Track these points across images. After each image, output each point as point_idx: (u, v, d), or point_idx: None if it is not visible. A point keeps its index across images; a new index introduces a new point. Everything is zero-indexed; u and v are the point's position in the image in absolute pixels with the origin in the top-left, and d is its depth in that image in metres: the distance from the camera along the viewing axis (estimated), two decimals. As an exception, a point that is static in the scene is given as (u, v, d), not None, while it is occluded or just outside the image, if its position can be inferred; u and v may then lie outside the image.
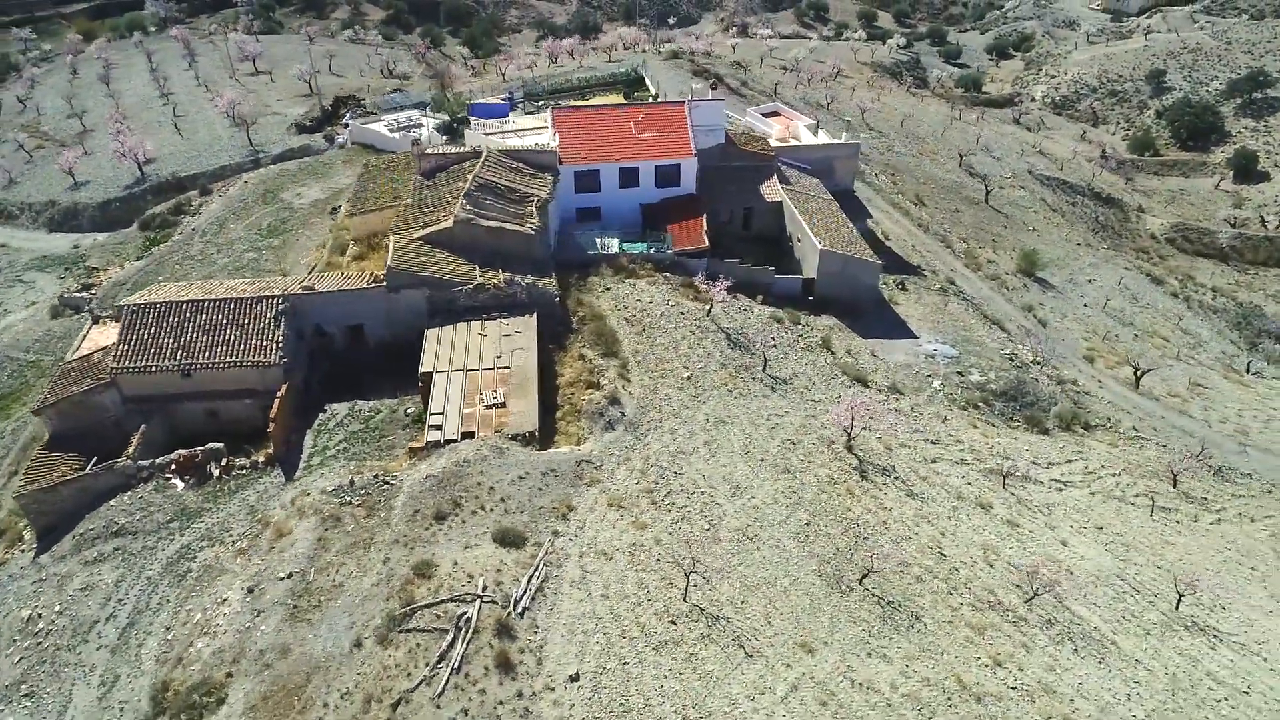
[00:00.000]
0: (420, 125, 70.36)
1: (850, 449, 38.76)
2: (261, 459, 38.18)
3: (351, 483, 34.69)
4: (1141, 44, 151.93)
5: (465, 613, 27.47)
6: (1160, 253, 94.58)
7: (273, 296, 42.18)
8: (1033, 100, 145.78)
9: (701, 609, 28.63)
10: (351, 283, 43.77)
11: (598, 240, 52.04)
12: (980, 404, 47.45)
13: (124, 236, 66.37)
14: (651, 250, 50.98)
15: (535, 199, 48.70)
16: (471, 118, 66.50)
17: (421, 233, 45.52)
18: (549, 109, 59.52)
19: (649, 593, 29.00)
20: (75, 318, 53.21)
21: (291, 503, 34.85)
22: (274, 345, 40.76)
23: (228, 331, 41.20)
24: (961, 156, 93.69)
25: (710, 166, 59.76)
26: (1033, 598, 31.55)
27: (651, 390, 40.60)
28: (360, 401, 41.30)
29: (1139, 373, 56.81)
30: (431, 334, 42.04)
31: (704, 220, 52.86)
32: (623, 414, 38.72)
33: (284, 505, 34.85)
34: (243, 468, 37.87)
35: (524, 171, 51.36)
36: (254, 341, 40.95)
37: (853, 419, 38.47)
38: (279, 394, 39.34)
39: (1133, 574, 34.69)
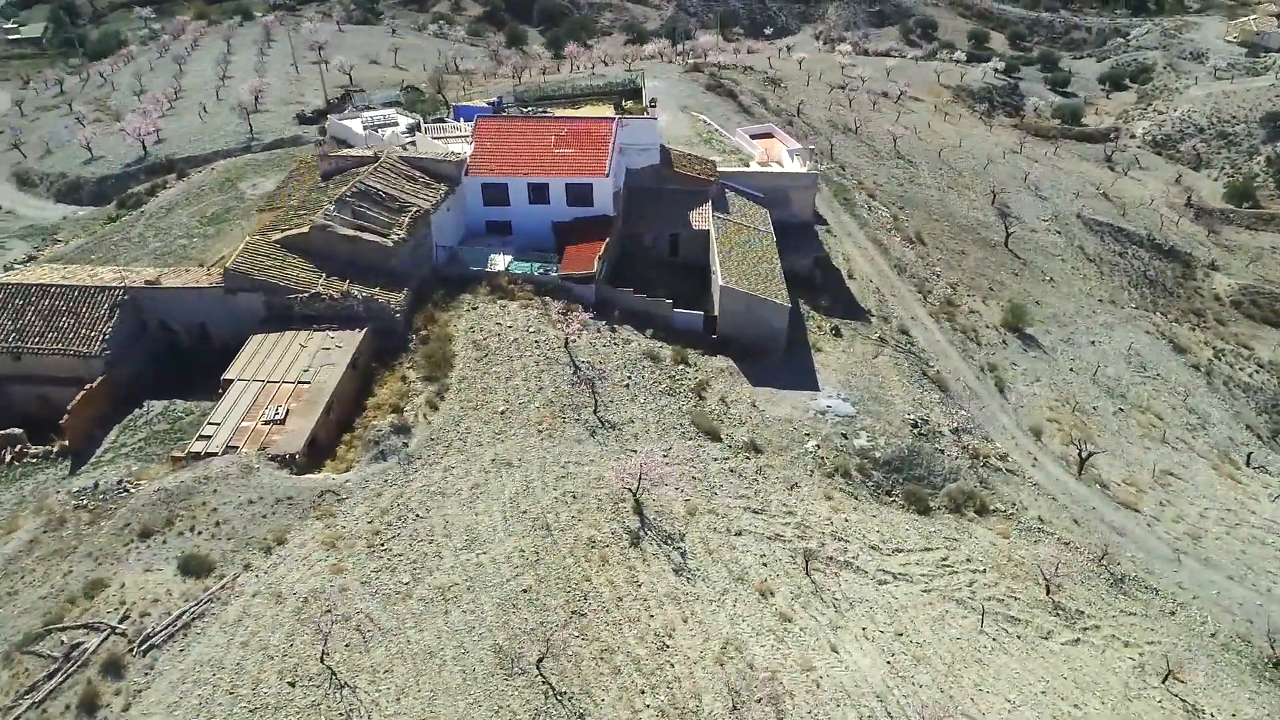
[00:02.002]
0: (394, 124, 70.24)
1: (639, 510, 35.52)
2: (55, 449, 38.34)
3: (96, 485, 34.21)
4: (1269, 82, 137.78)
5: (82, 643, 26.31)
6: (1220, 316, 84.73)
7: (113, 288, 42.42)
8: (1132, 137, 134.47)
9: (335, 673, 26.49)
10: (195, 280, 43.54)
11: (491, 256, 50.16)
12: (854, 472, 42.94)
13: (100, 213, 69.20)
14: (537, 272, 48.72)
15: (415, 210, 47.33)
16: (425, 122, 65.92)
17: (280, 235, 44.92)
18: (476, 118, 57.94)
19: (292, 647, 27.07)
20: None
21: (45, 499, 34.68)
22: (100, 336, 40.92)
23: (63, 319, 41.67)
24: (995, 194, 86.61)
25: (643, 187, 57.09)
26: (735, 709, 27.77)
27: (454, 422, 38.54)
28: (179, 401, 40.96)
29: (1084, 454, 50.38)
30: (255, 340, 41.30)
31: (602, 245, 50.12)
32: (405, 444, 36.83)
33: (38, 500, 34.72)
34: (34, 457, 38.10)
35: (419, 180, 50.09)
36: (84, 331, 41.26)
37: (640, 476, 35.20)
38: (88, 386, 39.42)
39: (898, 695, 30.18)
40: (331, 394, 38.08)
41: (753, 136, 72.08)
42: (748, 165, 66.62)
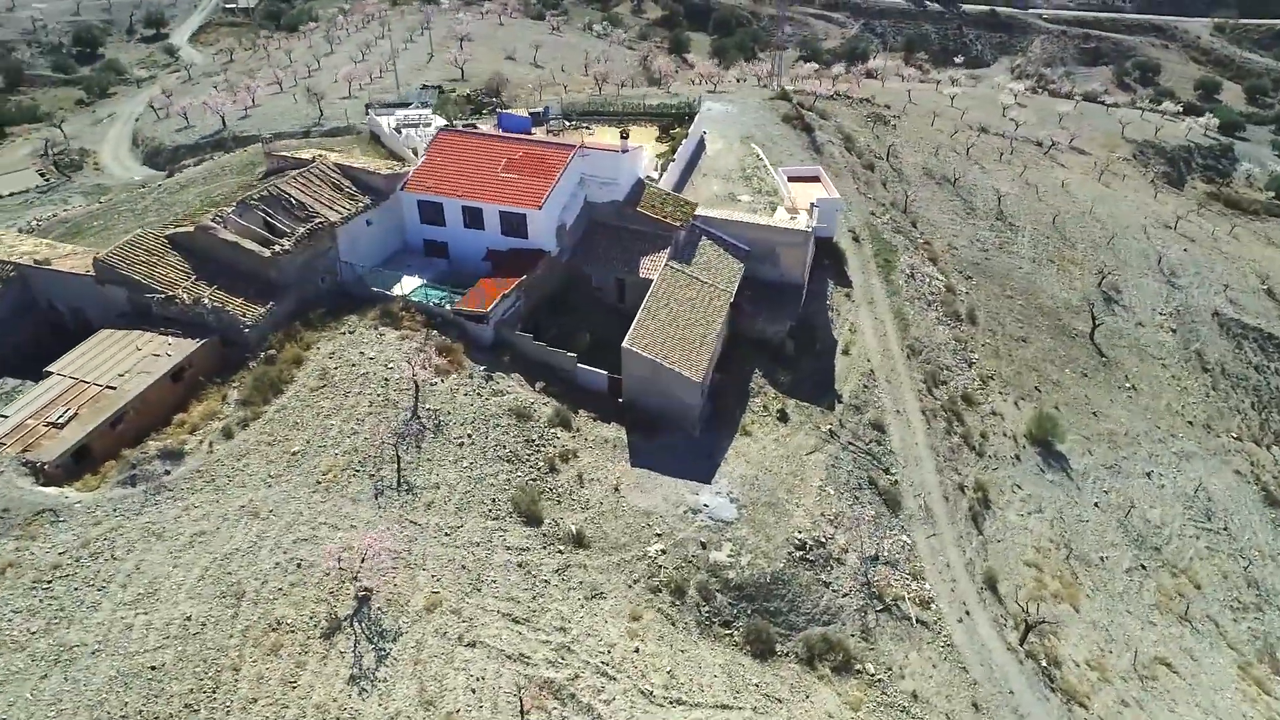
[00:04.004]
0: (427, 125, 69.08)
1: (364, 595, 31.51)
2: (-108, 414, 39.40)
3: None
4: None
5: None
6: (1382, 464, 68.00)
7: (3, 263, 43.34)
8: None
9: None
10: (77, 266, 43.66)
11: (403, 279, 47.39)
12: (691, 591, 36.60)
13: (151, 179, 72.82)
14: (433, 303, 45.43)
15: (319, 221, 45.36)
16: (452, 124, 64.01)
17: (170, 231, 44.33)
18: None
19: None
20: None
21: None
22: (-26, 309, 41.88)
23: (-46, 287, 43.00)
24: (1104, 275, 73.95)
25: (605, 224, 52.39)
26: None
27: (237, 455, 36.07)
28: (30, 382, 41.09)
29: (1028, 623, 40.75)
30: (102, 334, 40.84)
31: (514, 283, 46.08)
32: (166, 471, 34.76)
33: None
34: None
35: (344, 190, 48.15)
36: (-36, 301, 42.35)
37: (365, 555, 31.14)
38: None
39: None
40: (126, 404, 36.72)
41: (797, 179, 64.87)
42: (773, 210, 59.93)
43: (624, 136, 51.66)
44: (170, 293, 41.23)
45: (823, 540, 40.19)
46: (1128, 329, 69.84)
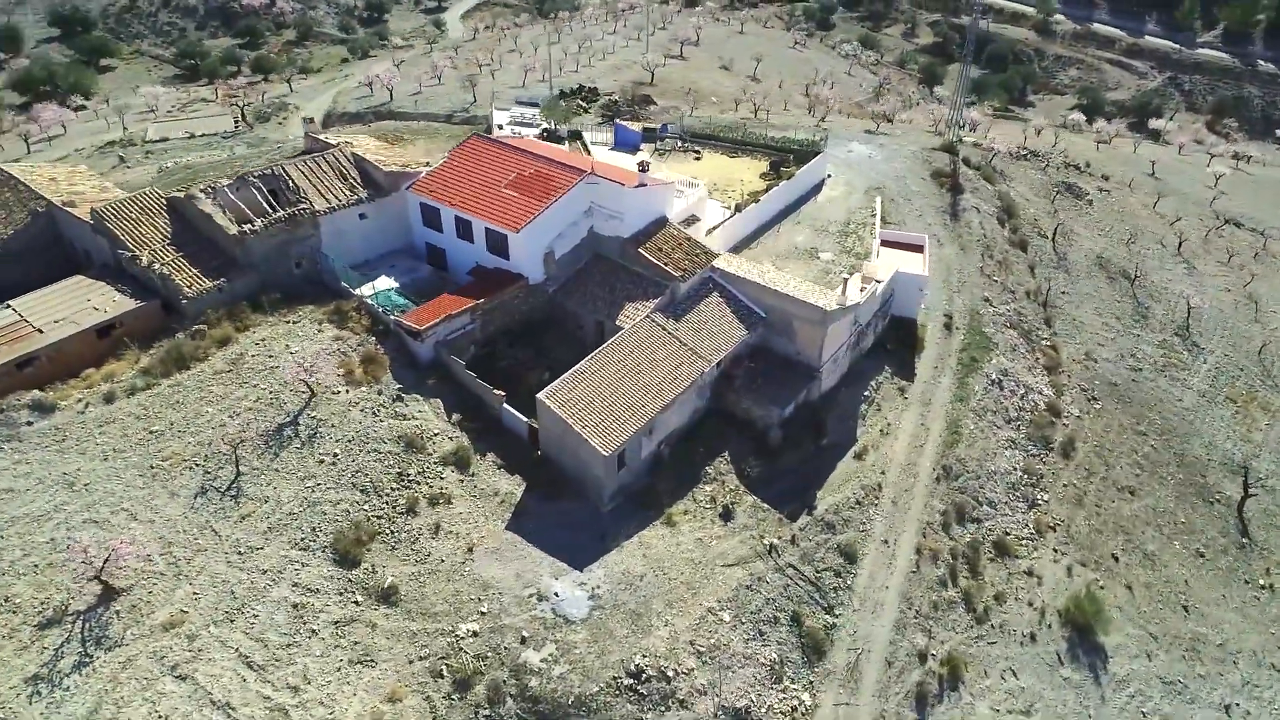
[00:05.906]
0: (534, 125, 68.12)
1: (108, 594, 30.66)
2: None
3: None
4: None
5: None
6: None
7: (40, 197, 47.37)
8: None
9: None
10: (85, 212, 46.42)
11: (380, 278, 46.46)
12: (479, 689, 32.32)
13: (286, 141, 77.83)
14: (381, 307, 43.89)
15: (303, 208, 45.41)
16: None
17: (171, 195, 46.27)
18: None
19: None
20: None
21: None
22: (6, 231, 46.13)
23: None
24: (1296, 432, 57.91)
25: (608, 260, 48.24)
26: None
27: (100, 422, 36.67)
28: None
29: None
30: (74, 279, 43.32)
31: (466, 304, 43.47)
32: (29, 422, 36.03)
33: None
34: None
35: (348, 180, 47.91)
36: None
37: (105, 559, 30.19)
38: (-40, 273, 44.82)
39: None
40: (38, 349, 38.58)
41: (895, 244, 56.61)
42: (850, 275, 52.37)
43: (643, 169, 46.95)
44: (135, 252, 42.97)
45: (669, 673, 34.03)
46: (1302, 506, 54.09)
